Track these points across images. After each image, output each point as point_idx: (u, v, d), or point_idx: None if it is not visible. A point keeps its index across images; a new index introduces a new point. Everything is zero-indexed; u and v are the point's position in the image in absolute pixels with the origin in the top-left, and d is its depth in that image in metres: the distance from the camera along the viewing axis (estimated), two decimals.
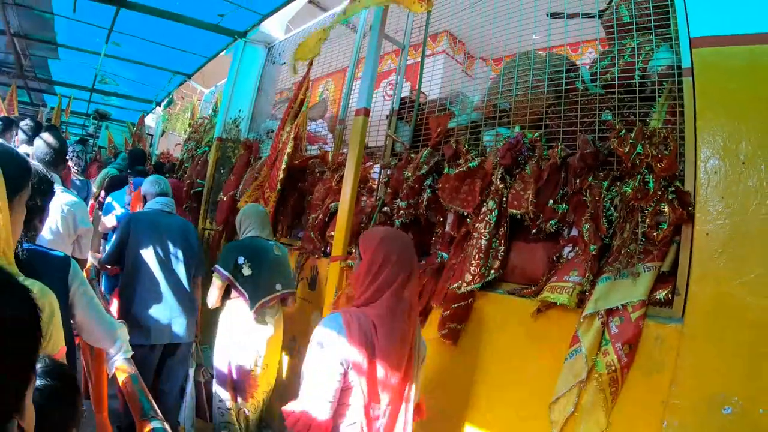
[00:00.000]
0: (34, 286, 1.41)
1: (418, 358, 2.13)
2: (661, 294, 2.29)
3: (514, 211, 2.86)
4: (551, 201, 2.80)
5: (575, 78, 3.12)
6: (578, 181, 2.75)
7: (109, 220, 5.16)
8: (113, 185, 6.19)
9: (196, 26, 6.69)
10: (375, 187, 4.17)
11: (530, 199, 2.79)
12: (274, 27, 7.06)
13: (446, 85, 4.46)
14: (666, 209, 2.27)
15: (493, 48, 3.66)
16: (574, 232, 2.78)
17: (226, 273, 3.56)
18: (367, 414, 1.89)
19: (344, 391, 1.89)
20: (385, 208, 3.88)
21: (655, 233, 2.33)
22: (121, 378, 2.16)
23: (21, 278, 1.38)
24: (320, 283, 4.27)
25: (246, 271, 3.58)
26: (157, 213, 3.99)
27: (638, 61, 2.79)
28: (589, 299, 2.43)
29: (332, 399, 1.84)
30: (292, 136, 4.77)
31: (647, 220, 2.36)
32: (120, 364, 2.21)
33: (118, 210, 5.35)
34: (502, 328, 2.86)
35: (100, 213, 5.89)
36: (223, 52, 7.79)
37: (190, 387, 3.90)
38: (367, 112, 3.90)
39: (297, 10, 6.78)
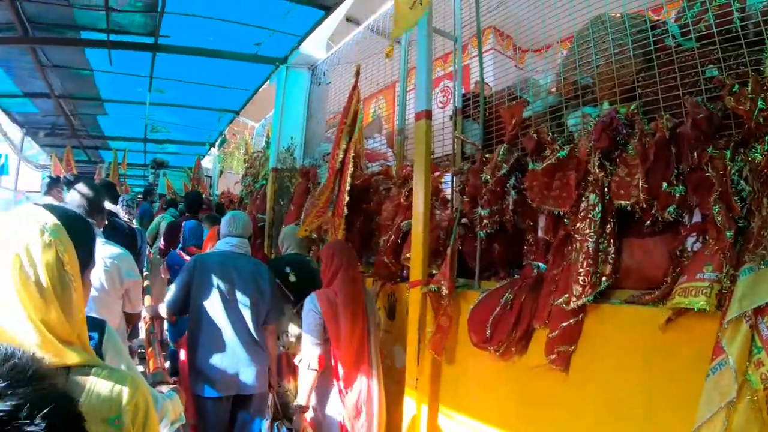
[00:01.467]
0: (125, 381, 1.30)
1: (373, 311, 3.55)
2: None
3: (622, 202, 2.48)
4: (665, 184, 2.39)
5: (663, 35, 2.74)
6: (695, 154, 2.33)
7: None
8: (172, 233, 6.36)
9: (234, 59, 6.77)
10: (448, 197, 3.85)
11: (640, 185, 2.40)
12: (315, 47, 6.98)
13: (500, 84, 4.15)
14: None
15: (546, 35, 3.30)
16: (697, 217, 2.38)
17: (277, 279, 3.97)
18: (335, 344, 3.23)
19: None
20: (464, 220, 3.56)
21: None
22: None
23: (102, 370, 1.28)
24: (401, 312, 3.98)
25: (292, 278, 4.21)
26: (226, 254, 3.78)
27: (734, 2, 2.42)
28: (730, 299, 2.00)
29: (320, 340, 3.22)
30: (352, 154, 4.51)
31: None
32: None
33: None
34: (622, 346, 2.47)
35: (161, 260, 6.10)
36: (267, 82, 7.81)
37: None
38: (429, 114, 3.61)
39: (335, 27, 6.66)
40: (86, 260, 1.42)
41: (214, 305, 3.58)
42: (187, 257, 5.18)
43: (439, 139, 4.10)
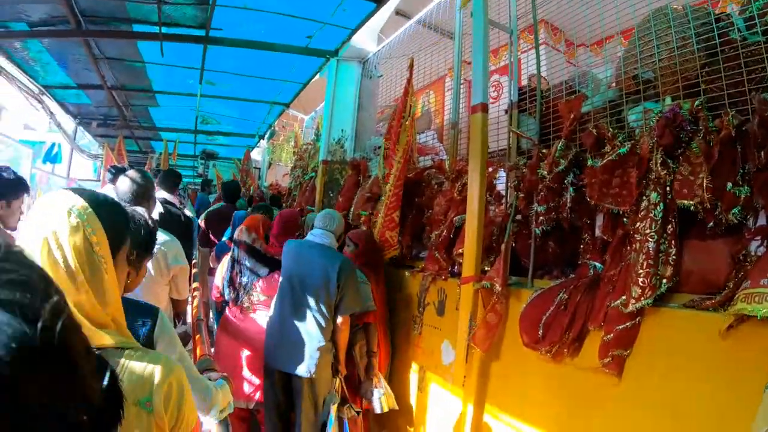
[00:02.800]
0: (158, 361, 1.31)
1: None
2: None
3: (685, 201, 2.43)
4: (730, 184, 2.34)
5: (728, 28, 2.68)
6: (762, 153, 2.27)
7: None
8: (211, 220, 6.76)
9: (285, 52, 6.85)
10: (503, 193, 3.84)
11: (704, 185, 2.36)
12: (366, 40, 7.07)
13: (555, 79, 4.11)
14: None
15: (604, 28, 3.25)
16: (762, 220, 2.34)
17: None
18: None
19: None
20: (519, 216, 3.55)
21: None
22: None
23: (135, 352, 1.30)
24: (450, 308, 3.99)
25: None
26: (304, 243, 4.13)
27: None
28: None
29: None
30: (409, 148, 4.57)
31: None
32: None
33: None
34: (679, 352, 2.41)
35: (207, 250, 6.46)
36: (318, 75, 7.90)
37: (331, 425, 3.76)
38: (485, 107, 3.60)
39: (386, 20, 6.75)
40: (119, 242, 1.42)
41: (284, 286, 3.94)
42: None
43: (492, 134, 4.09)
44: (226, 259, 4.55)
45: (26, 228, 1.24)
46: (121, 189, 3.36)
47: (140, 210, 2.13)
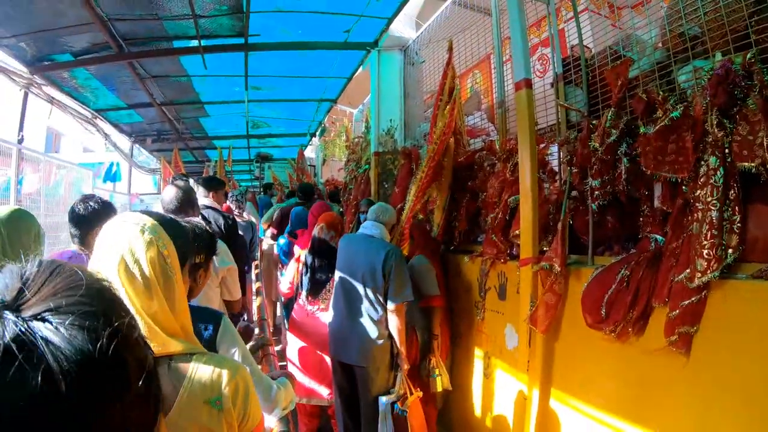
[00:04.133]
0: (224, 364, 1.45)
1: None
2: None
3: (746, 164, 2.31)
4: None
5: None
6: None
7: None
8: (282, 219, 7.22)
9: (324, 49, 7.01)
10: (556, 170, 3.79)
11: (765, 144, 2.23)
12: (404, 28, 7.09)
13: (598, 45, 3.99)
14: None
15: None
16: None
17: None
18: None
19: None
20: (574, 192, 3.46)
21: None
22: None
23: (203, 356, 1.43)
24: (511, 292, 3.96)
25: None
26: (355, 235, 4.39)
27: None
28: None
29: None
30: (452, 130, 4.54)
31: None
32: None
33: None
34: (750, 326, 2.29)
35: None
36: (361, 68, 8.00)
37: (386, 420, 3.84)
38: (528, 83, 3.55)
39: (422, 4, 6.79)
40: (184, 254, 1.60)
41: (338, 279, 4.15)
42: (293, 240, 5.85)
43: (541, 109, 4.05)
44: (302, 254, 4.72)
45: (100, 248, 1.38)
46: (165, 199, 3.53)
47: (197, 221, 2.38)
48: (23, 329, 0.60)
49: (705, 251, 2.36)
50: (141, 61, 7.13)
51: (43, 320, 0.62)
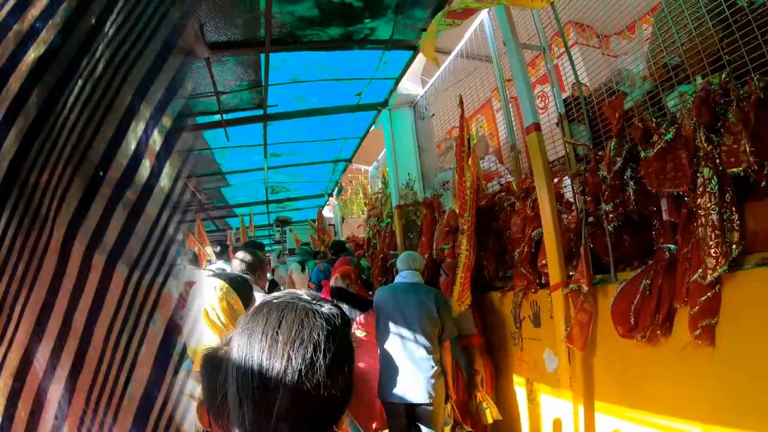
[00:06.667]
0: None
1: None
2: None
3: (734, 169, 2.70)
4: None
5: None
6: None
7: None
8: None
9: (338, 113, 7.44)
10: (571, 200, 4.15)
11: (747, 150, 2.62)
12: (411, 85, 7.57)
13: (595, 76, 4.42)
14: None
15: (621, 15, 3.58)
16: None
17: None
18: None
19: None
20: (591, 218, 3.85)
21: None
22: None
23: None
24: (545, 318, 4.29)
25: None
26: (396, 285, 4.66)
27: None
28: None
29: None
30: (475, 178, 4.94)
31: None
32: None
33: None
34: (764, 309, 2.62)
35: None
36: (373, 127, 8.42)
37: None
38: (537, 127, 4.00)
39: (424, 61, 7.14)
40: (246, 301, 2.37)
41: (389, 327, 4.38)
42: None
43: (548, 145, 4.41)
44: None
45: (193, 303, 2.22)
46: (234, 264, 4.00)
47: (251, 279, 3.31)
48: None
49: (712, 250, 2.72)
50: None
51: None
